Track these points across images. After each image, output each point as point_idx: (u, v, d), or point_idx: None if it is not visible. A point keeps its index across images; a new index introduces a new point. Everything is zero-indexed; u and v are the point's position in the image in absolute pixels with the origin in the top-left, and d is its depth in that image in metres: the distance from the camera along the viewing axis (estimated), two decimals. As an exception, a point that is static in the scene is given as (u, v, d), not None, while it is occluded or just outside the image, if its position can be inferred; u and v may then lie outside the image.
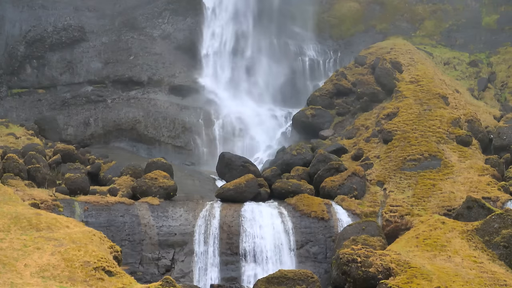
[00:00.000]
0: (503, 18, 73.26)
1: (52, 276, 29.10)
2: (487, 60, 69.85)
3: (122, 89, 65.52)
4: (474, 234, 38.41)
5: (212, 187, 52.13)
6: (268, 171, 49.97)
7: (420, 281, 33.57)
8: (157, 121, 63.36)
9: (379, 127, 54.32)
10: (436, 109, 54.45)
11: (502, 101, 63.89)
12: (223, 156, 51.96)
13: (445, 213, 43.66)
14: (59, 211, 40.54)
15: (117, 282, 29.88)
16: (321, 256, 43.03)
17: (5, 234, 31.80)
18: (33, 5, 67.07)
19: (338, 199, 46.14)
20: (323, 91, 62.74)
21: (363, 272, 34.55)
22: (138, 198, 44.94)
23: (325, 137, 58.15)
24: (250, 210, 44.21)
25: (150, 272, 41.46)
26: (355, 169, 48.06)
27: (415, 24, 75.56)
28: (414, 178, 47.85)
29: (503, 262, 36.89)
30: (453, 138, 51.77)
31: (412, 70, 60.89)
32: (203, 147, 63.28)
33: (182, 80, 66.58)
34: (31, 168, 44.89)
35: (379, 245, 40.71)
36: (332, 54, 72.67)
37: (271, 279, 35.98)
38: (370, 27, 75.37)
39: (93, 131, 62.72)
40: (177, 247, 42.59)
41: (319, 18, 75.48)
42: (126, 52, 67.07)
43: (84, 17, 67.68)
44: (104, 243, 33.80)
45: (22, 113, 63.21)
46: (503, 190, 45.76)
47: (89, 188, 44.87)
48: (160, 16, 69.01)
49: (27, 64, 65.43)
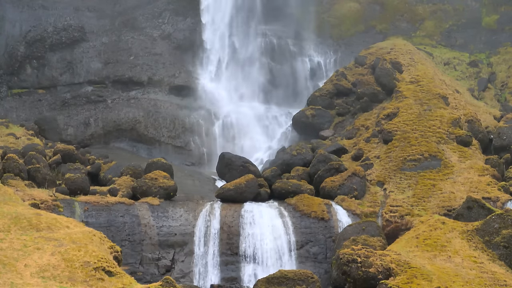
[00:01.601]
0: (503, 18, 73.24)
1: (52, 276, 29.09)
2: (487, 60, 69.84)
3: (122, 89, 65.48)
4: (474, 234, 38.39)
5: (212, 187, 52.10)
6: (268, 171, 49.95)
7: (420, 281, 33.56)
8: (157, 121, 63.34)
9: (379, 127, 54.30)
10: (436, 109, 54.42)
11: (502, 101, 63.88)
12: (223, 156, 51.94)
13: (445, 213, 43.64)
14: (59, 211, 40.50)
15: (117, 282, 29.87)
16: (321, 256, 43.02)
17: (5, 234, 31.78)
18: (33, 5, 66.99)
19: (338, 199, 46.13)
20: (323, 91, 62.74)
21: (363, 272, 34.54)
22: (138, 198, 44.91)
23: (325, 137, 58.14)
24: (250, 210, 44.18)
25: (150, 272, 41.45)
26: (355, 169, 48.05)
27: (415, 24, 75.54)
28: (414, 178, 47.83)
29: (503, 262, 36.87)
30: (453, 138, 51.75)
31: (412, 70, 60.87)
32: (203, 147, 63.24)
33: (182, 80, 66.55)
34: (31, 168, 44.85)
35: (379, 245, 40.70)
36: (332, 54, 72.64)
37: (271, 279, 35.95)
38: (370, 27, 75.36)
39: (93, 131, 62.68)
40: (177, 247, 42.57)
41: (319, 18, 75.48)
42: (126, 52, 67.03)
43: (84, 17, 67.61)
44: (104, 243, 33.77)
45: (22, 113, 63.16)
46: (503, 190, 45.73)
47: (89, 188, 44.83)
48: (160, 16, 68.97)
49: (27, 64, 65.38)
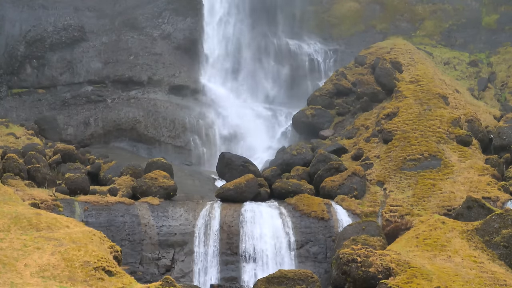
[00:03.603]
0: (503, 18, 73.27)
1: (52, 276, 29.09)
2: (487, 60, 69.84)
3: (122, 89, 65.47)
4: (474, 234, 38.39)
5: (212, 187, 52.11)
6: (268, 171, 49.96)
7: (420, 281, 33.56)
8: (157, 121, 63.35)
9: (379, 127, 54.30)
10: (436, 109, 54.42)
11: (502, 101, 63.88)
12: (223, 156, 51.95)
13: (445, 213, 43.65)
14: (59, 211, 40.51)
15: (117, 282, 29.87)
16: (321, 256, 43.01)
17: (5, 234, 31.78)
18: (33, 5, 66.98)
19: (338, 199, 46.14)
20: (323, 91, 62.75)
21: (363, 272, 34.54)
22: (138, 198, 44.92)
23: (325, 137, 58.15)
24: (250, 210, 44.17)
25: (150, 272, 41.45)
26: (355, 169, 48.05)
27: (415, 24, 75.56)
28: (414, 178, 47.84)
29: (503, 262, 36.87)
30: (453, 138, 51.75)
31: (412, 70, 60.85)
32: (203, 147, 63.25)
33: (182, 80, 66.55)
34: (31, 168, 44.86)
35: (379, 245, 40.71)
36: (332, 54, 72.65)
37: (271, 279, 35.95)
38: (370, 27, 75.38)
39: (93, 131, 62.69)
40: (177, 247, 42.57)
41: (319, 18, 75.52)
42: (126, 52, 67.02)
43: (84, 17, 67.60)
44: (104, 243, 33.77)
45: (22, 113, 63.17)
46: (503, 190, 45.74)
47: (89, 188, 44.84)
48: (160, 16, 68.96)
49: (27, 64, 65.37)
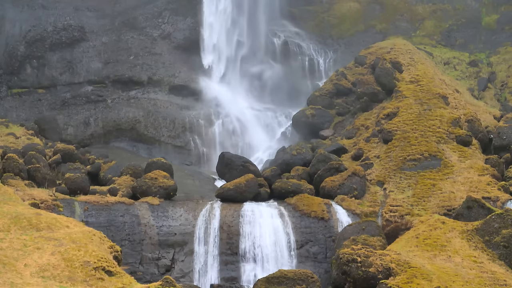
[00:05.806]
0: (503, 18, 73.26)
1: (52, 276, 29.10)
2: (487, 60, 69.82)
3: (122, 89, 65.51)
4: (474, 234, 38.40)
5: (212, 187, 52.13)
6: (268, 171, 49.95)
7: (420, 281, 33.57)
8: (157, 121, 63.37)
9: (379, 127, 54.29)
10: (436, 109, 54.41)
11: (502, 101, 63.86)
12: (223, 156, 51.93)
13: (445, 213, 43.64)
14: (59, 211, 40.52)
15: (117, 282, 29.88)
16: (321, 256, 43.01)
17: (5, 234, 31.80)
18: (33, 5, 67.04)
19: (338, 199, 46.13)
20: (323, 91, 62.75)
21: (363, 272, 34.55)
22: (138, 198, 44.93)
23: (325, 137, 58.14)
24: (250, 210, 44.17)
25: (150, 272, 41.46)
26: (355, 169, 48.05)
27: (415, 24, 75.56)
28: (414, 178, 47.84)
29: (503, 262, 36.89)
30: (453, 138, 51.74)
31: (412, 70, 60.84)
32: (203, 147, 63.24)
33: (182, 80, 66.57)
34: (31, 168, 44.87)
35: (379, 245, 40.71)
36: (332, 54, 72.66)
37: (271, 279, 35.96)
38: (370, 27, 75.38)
39: (93, 131, 62.72)
40: (177, 247, 42.57)
41: (319, 18, 75.52)
42: (126, 52, 67.06)
43: (84, 17, 67.65)
44: (104, 243, 33.79)
45: (22, 113, 63.21)
46: (503, 190, 45.73)
47: (89, 188, 44.86)
48: (160, 16, 68.98)
49: (27, 64, 65.41)
